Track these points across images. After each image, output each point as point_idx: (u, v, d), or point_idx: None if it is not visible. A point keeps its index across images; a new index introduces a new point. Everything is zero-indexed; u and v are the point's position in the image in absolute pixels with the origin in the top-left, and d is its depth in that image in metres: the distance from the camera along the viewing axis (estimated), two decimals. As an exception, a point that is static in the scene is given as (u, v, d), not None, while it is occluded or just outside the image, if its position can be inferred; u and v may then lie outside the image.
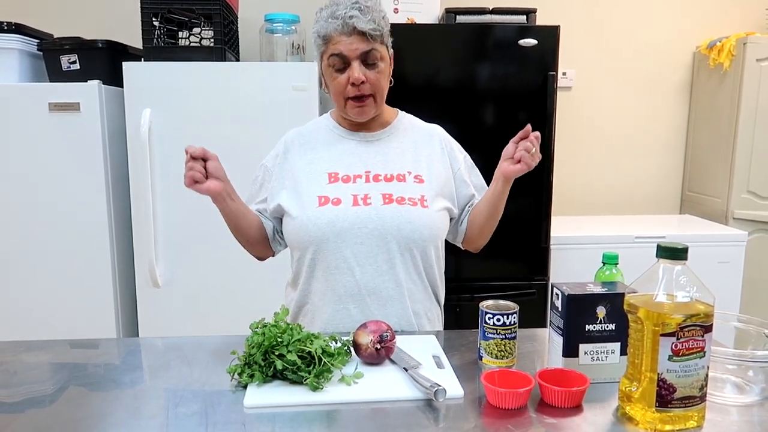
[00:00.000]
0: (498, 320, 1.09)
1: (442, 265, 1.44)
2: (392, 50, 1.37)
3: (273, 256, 1.49)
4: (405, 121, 1.46)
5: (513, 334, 1.10)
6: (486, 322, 1.10)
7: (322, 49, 1.31)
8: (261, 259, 1.49)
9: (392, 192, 1.33)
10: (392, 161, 1.38)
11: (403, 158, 1.38)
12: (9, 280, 2.38)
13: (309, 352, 1.02)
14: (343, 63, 1.28)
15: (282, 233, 1.43)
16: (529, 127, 1.28)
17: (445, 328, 1.47)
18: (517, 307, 1.12)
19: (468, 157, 1.50)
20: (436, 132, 1.46)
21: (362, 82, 1.28)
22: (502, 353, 1.10)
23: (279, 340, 1.04)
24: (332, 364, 1.02)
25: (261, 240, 1.44)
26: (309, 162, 1.39)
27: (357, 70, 1.27)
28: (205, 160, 1.29)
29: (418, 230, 1.31)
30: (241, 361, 1.06)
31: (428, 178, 1.37)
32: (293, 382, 1.02)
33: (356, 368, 1.08)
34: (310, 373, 1.01)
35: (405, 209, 1.31)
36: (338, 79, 1.30)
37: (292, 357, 1.01)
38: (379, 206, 1.31)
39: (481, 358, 1.12)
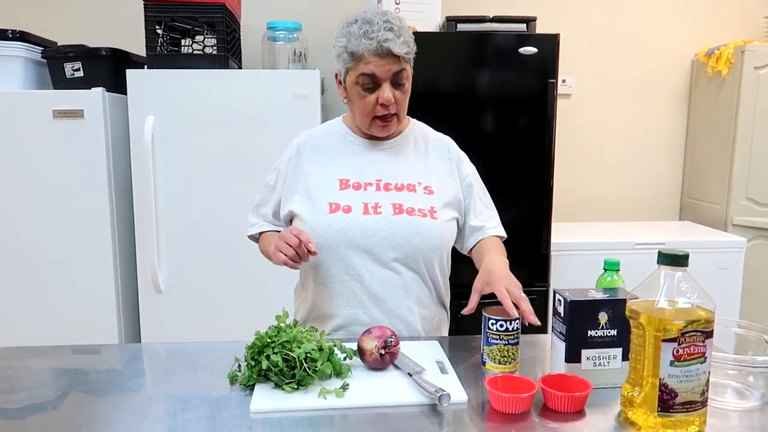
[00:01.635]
0: (501, 326, 1.10)
1: (447, 272, 1.46)
2: None
3: None
4: (416, 129, 1.47)
5: (516, 340, 1.11)
6: (489, 328, 1.11)
7: (349, 66, 1.29)
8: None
9: (402, 202, 1.34)
10: (403, 170, 1.39)
11: (414, 168, 1.40)
12: (12, 286, 2.39)
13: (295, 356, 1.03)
14: (372, 83, 1.29)
15: None
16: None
17: (448, 334, 1.48)
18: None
19: (476, 171, 1.49)
20: (446, 143, 1.48)
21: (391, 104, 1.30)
22: (505, 359, 1.11)
23: (269, 341, 1.05)
24: (314, 371, 1.03)
25: None
26: (320, 167, 1.40)
27: (388, 92, 1.28)
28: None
29: (428, 241, 1.33)
30: (237, 362, 1.10)
31: (437, 189, 1.38)
32: (299, 387, 1.03)
33: (349, 376, 1.08)
34: (294, 377, 1.02)
35: (415, 220, 1.32)
36: (367, 99, 1.30)
37: (276, 358, 1.02)
38: (389, 216, 1.32)
39: (484, 363, 1.13)
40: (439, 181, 1.40)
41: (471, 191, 1.45)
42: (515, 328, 1.11)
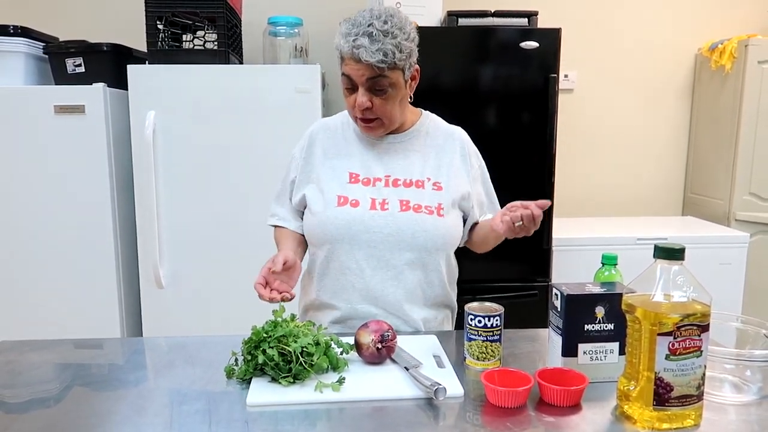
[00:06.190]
0: (479, 322, 1.10)
1: (453, 271, 1.45)
2: (417, 66, 1.34)
3: None
4: (428, 122, 1.45)
5: (495, 337, 1.11)
6: (469, 324, 1.12)
7: (339, 63, 1.30)
8: None
9: (410, 198, 1.34)
10: (412, 165, 1.39)
11: (424, 164, 1.39)
12: (14, 281, 2.40)
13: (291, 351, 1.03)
14: (351, 84, 1.29)
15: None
16: (540, 204, 1.18)
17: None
18: (501, 310, 1.13)
19: (483, 165, 1.49)
20: (457, 135, 1.46)
21: (366, 108, 1.29)
22: (484, 355, 1.11)
23: (265, 335, 1.06)
24: (310, 365, 1.03)
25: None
26: (332, 157, 1.40)
27: (360, 96, 1.27)
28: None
29: (432, 239, 1.33)
30: (234, 356, 1.10)
31: (446, 185, 1.38)
32: (295, 381, 1.03)
33: (345, 370, 1.08)
34: (290, 371, 1.02)
35: (420, 217, 1.32)
36: (348, 98, 1.32)
37: (272, 353, 1.03)
38: (395, 212, 1.32)
39: (465, 359, 1.13)
40: (449, 176, 1.39)
41: (475, 186, 1.44)
42: (494, 325, 1.11)
